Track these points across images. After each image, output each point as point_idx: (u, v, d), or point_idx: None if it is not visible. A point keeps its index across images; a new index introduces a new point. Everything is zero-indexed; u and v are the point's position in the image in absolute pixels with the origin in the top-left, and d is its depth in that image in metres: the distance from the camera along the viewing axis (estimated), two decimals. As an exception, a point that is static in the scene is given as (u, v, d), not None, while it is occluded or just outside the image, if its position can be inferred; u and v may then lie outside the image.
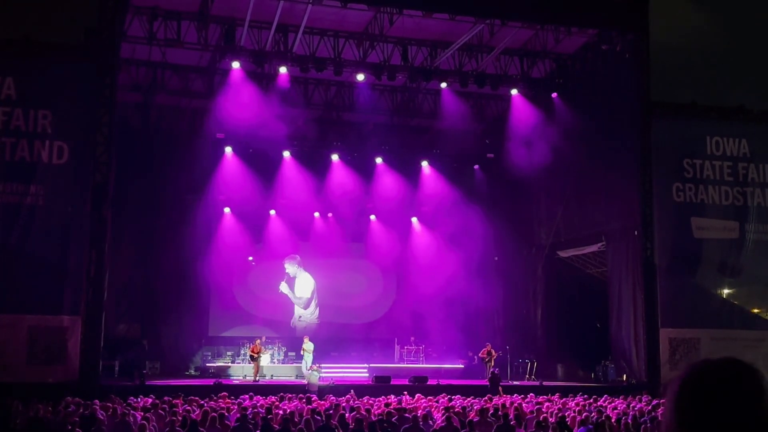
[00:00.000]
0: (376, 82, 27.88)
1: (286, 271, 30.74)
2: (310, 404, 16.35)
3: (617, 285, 25.77)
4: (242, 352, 27.35)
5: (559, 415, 14.12)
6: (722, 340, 24.33)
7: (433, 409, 15.35)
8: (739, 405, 1.88)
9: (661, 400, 17.74)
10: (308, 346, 25.23)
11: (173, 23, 24.15)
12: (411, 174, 31.24)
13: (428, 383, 24.04)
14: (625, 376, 25.17)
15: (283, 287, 30.62)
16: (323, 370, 23.49)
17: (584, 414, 14.01)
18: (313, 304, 31.38)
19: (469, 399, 18.16)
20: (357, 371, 27.35)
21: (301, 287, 31.11)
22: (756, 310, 26.68)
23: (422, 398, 18.11)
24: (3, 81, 21.00)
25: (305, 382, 22.57)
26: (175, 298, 28.32)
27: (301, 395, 18.79)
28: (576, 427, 13.03)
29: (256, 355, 25.07)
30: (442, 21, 24.94)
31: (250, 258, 29.82)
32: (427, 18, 24.65)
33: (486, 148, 30.50)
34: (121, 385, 21.64)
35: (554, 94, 27.22)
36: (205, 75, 27.80)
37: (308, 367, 24.19)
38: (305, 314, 31.17)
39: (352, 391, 19.34)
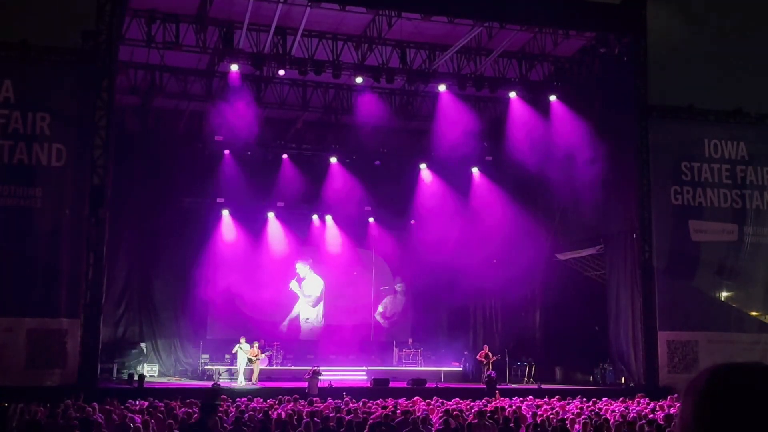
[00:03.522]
0: (375, 85, 27.87)
1: (297, 271, 31.34)
2: (311, 406, 16.34)
3: (615, 288, 25.77)
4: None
5: (558, 418, 14.12)
6: (720, 343, 24.36)
7: (431, 412, 15.33)
8: (754, 411, 1.84)
9: (659, 403, 17.75)
10: (245, 346, 24.96)
11: (171, 26, 24.14)
12: (409, 176, 31.25)
13: (427, 386, 24.01)
14: (623, 378, 25.17)
15: (293, 285, 31.27)
16: (323, 373, 23.46)
17: (583, 416, 14.00)
18: (320, 304, 31.60)
19: (466, 401, 18.16)
20: (355, 374, 27.37)
21: (310, 286, 31.63)
22: (754, 313, 26.69)
23: (420, 401, 18.09)
24: (1, 84, 20.98)
25: (305, 384, 22.53)
26: (173, 301, 28.31)
27: (295, 395, 18.79)
28: None
29: (254, 358, 25.05)
30: (440, 24, 24.96)
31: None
32: (426, 21, 24.66)
33: (484, 151, 30.49)
34: (120, 387, 21.65)
35: (552, 97, 27.24)
36: (203, 78, 27.80)
37: (245, 366, 24.50)
38: (312, 315, 31.37)
39: (344, 393, 19.35)
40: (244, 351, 24.78)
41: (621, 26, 25.21)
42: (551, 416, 14.46)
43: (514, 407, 16.14)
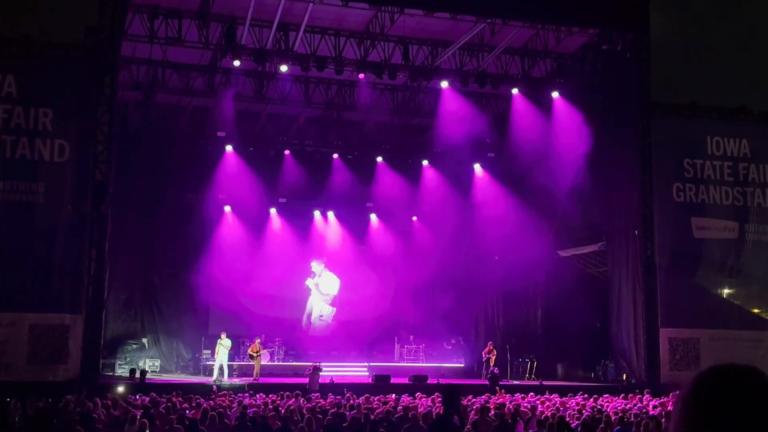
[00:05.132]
0: (377, 81, 27.87)
1: (313, 270, 31.19)
2: (310, 403, 16.38)
3: (617, 285, 25.78)
4: (242, 350, 27.36)
5: (559, 414, 14.13)
6: (721, 341, 24.37)
7: (433, 408, 15.34)
8: (746, 412, 1.87)
9: (661, 400, 17.77)
10: (226, 342, 24.59)
11: (174, 22, 24.14)
12: (411, 173, 31.26)
13: (428, 382, 24.04)
14: (625, 375, 25.19)
15: (310, 283, 31.13)
16: (324, 369, 23.48)
17: (585, 413, 14.01)
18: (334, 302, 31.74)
19: (468, 397, 18.19)
20: (357, 370, 27.39)
21: (328, 285, 31.52)
22: (755, 311, 26.69)
23: (423, 397, 18.12)
24: (4, 79, 21.00)
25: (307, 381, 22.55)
26: (175, 297, 28.32)
27: (298, 392, 18.85)
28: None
29: (255, 354, 25.06)
30: (443, 20, 24.95)
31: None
32: (428, 17, 24.66)
33: (486, 148, 30.49)
34: (122, 383, 21.68)
35: (555, 94, 27.20)
36: (206, 74, 27.78)
37: (221, 364, 24.04)
38: (327, 312, 31.41)
39: (345, 389, 19.36)
40: (224, 347, 24.59)
41: (624, 23, 25.16)
42: (552, 412, 14.47)
43: (515, 403, 16.14)
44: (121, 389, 20.05)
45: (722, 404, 1.88)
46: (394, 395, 18.66)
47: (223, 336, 24.71)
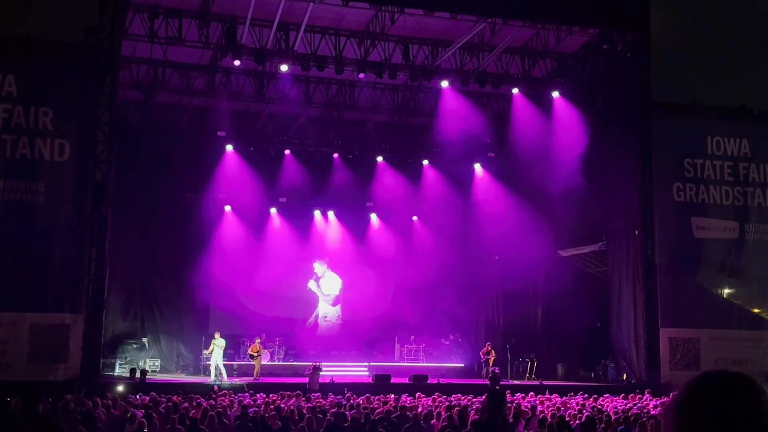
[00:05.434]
0: (377, 81, 27.86)
1: (315, 270, 31.27)
2: (310, 402, 16.38)
3: (617, 284, 25.78)
4: (242, 350, 27.37)
5: (559, 414, 14.12)
6: (721, 341, 24.40)
7: (433, 408, 15.34)
8: (738, 416, 1.90)
9: (661, 400, 17.77)
10: (220, 342, 24.49)
11: (174, 21, 24.15)
12: (412, 173, 31.27)
13: (428, 382, 24.05)
14: (625, 375, 25.19)
15: (312, 285, 31.20)
16: (324, 369, 23.48)
17: (585, 413, 14.00)
18: (338, 302, 31.77)
19: (468, 397, 18.19)
20: (357, 370, 27.41)
21: (329, 285, 31.56)
22: (756, 311, 26.70)
23: (423, 397, 18.11)
24: (4, 78, 21.00)
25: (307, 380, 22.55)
26: (175, 296, 28.31)
27: (298, 392, 18.86)
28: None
29: (255, 354, 25.07)
30: (443, 20, 24.97)
31: None
32: (429, 17, 24.68)
33: (486, 147, 30.50)
34: (122, 382, 21.69)
35: (555, 94, 27.20)
36: (206, 73, 27.80)
37: (217, 364, 23.97)
38: (330, 313, 31.42)
39: (346, 389, 19.36)
40: (219, 346, 24.56)
41: (624, 23, 25.18)
42: (552, 412, 14.46)
43: (515, 403, 16.14)
44: (121, 389, 20.07)
45: (715, 408, 1.91)
46: (393, 395, 18.65)
47: (217, 336, 24.72)
